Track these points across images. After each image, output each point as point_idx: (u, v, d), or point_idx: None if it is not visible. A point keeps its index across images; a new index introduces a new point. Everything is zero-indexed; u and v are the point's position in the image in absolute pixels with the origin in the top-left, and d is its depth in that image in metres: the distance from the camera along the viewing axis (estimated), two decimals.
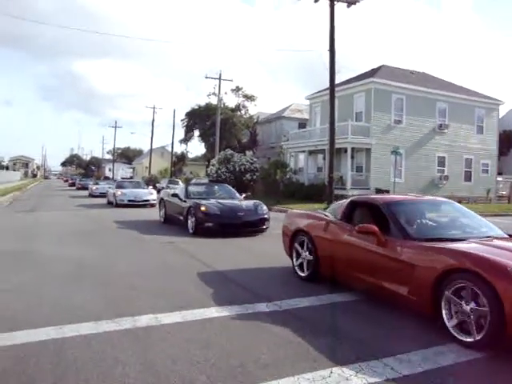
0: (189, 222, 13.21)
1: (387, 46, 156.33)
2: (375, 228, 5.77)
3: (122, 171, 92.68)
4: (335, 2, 22.78)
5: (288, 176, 33.77)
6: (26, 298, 6.03)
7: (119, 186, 26.24)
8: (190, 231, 13.01)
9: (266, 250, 10.66)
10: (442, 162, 33.41)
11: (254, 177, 35.36)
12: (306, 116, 42.68)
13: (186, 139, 57.10)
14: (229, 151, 37.07)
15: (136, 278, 7.33)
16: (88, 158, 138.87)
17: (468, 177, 34.81)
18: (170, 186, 37.52)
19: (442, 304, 4.80)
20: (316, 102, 36.62)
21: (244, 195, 16.06)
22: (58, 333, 4.69)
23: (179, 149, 71.36)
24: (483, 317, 4.37)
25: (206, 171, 39.96)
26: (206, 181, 35.96)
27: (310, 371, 3.90)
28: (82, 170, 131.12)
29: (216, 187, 16.61)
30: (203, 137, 52.63)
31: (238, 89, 52.80)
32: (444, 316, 4.80)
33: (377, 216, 6.38)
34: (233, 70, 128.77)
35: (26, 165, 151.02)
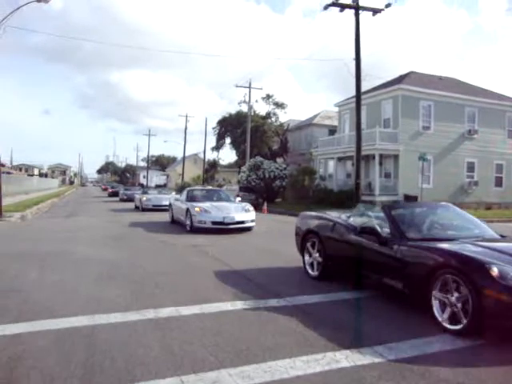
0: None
1: (416, 52, 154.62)
2: None
3: (156, 178, 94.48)
4: (360, 11, 23.21)
5: (316, 182, 34.22)
6: (64, 292, 6.81)
7: (193, 198, 17.20)
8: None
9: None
10: (471, 167, 33.20)
11: (284, 183, 35.96)
12: (335, 123, 42.89)
13: (218, 147, 58.04)
14: (259, 158, 37.71)
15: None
16: (123, 165, 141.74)
17: (499, 182, 34.49)
18: None
19: None
20: (344, 109, 36.96)
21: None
22: (90, 320, 5.41)
23: (211, 156, 72.45)
24: None
25: (238, 178, 40.74)
26: (236, 187, 37.11)
27: (306, 355, 4.48)
28: (117, 177, 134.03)
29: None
30: (234, 144, 53.47)
31: (268, 97, 53.38)
32: None
33: None
34: (264, 79, 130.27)
35: (64, 172, 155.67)
